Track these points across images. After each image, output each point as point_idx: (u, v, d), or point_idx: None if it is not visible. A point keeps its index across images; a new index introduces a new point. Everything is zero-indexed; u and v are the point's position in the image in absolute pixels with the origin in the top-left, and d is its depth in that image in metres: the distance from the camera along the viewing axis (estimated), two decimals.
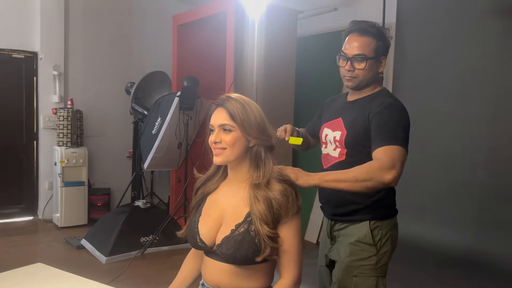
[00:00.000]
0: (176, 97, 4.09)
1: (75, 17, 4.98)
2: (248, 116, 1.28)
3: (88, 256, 3.70)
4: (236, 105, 1.28)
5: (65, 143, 4.57)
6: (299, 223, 1.31)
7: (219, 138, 1.28)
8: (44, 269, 1.41)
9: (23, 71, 4.73)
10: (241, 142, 1.28)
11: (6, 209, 4.67)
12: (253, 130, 1.28)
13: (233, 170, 1.35)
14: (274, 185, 1.29)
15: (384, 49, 1.66)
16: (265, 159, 1.31)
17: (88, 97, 5.04)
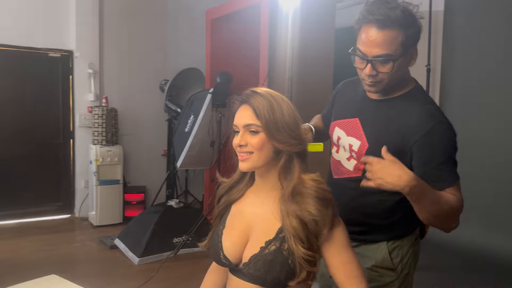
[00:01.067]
0: (209, 94, 3.96)
1: (110, 15, 4.97)
2: (274, 116, 1.08)
3: (121, 256, 3.65)
4: (262, 102, 1.09)
5: (100, 141, 4.57)
6: (344, 234, 1.11)
7: (245, 141, 1.10)
8: (58, 281, 1.29)
9: (60, 70, 4.76)
10: (270, 145, 1.10)
11: (44, 206, 4.73)
12: (279, 132, 1.08)
13: (261, 176, 1.16)
14: (305, 199, 1.09)
15: (415, 38, 1.27)
16: (291, 167, 1.11)
17: (123, 95, 5.02)
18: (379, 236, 1.38)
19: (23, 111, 4.55)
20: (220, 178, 1.27)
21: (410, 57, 1.29)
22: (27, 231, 4.26)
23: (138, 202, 4.84)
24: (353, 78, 1.53)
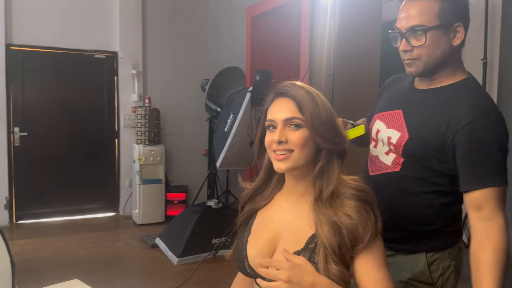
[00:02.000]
0: (248, 93, 3.88)
1: (152, 17, 5.04)
2: (318, 110, 0.97)
3: (161, 256, 3.67)
4: (305, 94, 0.98)
5: (143, 141, 4.63)
6: (383, 247, 0.97)
7: (285, 137, 0.98)
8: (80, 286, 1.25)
9: (105, 71, 4.89)
10: (312, 142, 0.98)
11: (90, 204, 4.88)
12: (323, 128, 0.97)
13: (294, 178, 1.04)
14: (344, 201, 0.96)
15: (457, 13, 1.14)
16: (331, 168, 1.00)
17: (165, 95, 5.07)
18: (418, 245, 1.22)
19: (70, 112, 4.71)
20: (243, 183, 1.17)
21: (453, 34, 1.14)
22: (74, 229, 4.40)
23: (179, 201, 4.87)
24: (401, 75, 1.41)
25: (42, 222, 4.58)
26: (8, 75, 4.35)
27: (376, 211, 0.97)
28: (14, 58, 4.40)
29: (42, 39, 4.49)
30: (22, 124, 4.48)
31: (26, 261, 3.38)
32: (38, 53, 4.53)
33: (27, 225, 4.48)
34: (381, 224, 0.97)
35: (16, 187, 4.47)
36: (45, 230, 4.32)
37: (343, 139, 1.02)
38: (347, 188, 0.98)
